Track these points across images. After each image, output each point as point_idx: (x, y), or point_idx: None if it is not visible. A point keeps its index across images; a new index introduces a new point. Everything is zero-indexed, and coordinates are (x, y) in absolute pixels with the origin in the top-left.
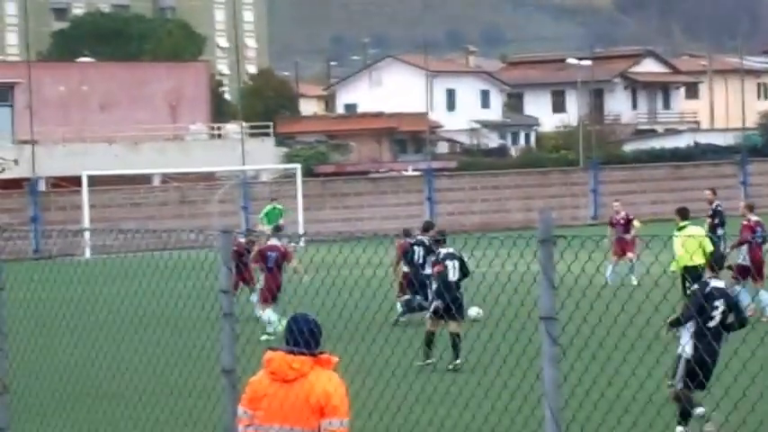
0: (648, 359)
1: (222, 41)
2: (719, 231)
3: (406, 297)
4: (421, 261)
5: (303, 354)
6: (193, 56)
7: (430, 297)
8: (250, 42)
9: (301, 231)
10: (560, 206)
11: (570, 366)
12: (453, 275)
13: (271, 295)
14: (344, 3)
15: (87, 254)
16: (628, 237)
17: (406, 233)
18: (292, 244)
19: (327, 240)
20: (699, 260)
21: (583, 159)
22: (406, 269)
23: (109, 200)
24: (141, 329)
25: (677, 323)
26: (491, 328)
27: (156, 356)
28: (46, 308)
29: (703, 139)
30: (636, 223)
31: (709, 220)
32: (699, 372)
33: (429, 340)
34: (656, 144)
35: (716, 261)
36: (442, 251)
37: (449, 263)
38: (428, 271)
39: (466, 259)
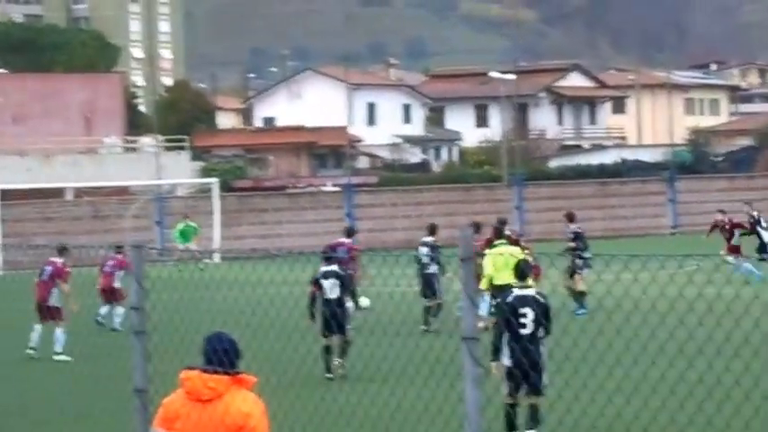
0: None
1: (137, 52)
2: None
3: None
4: (426, 261)
5: (220, 373)
6: (108, 67)
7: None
8: (166, 53)
9: (217, 248)
10: (485, 223)
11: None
12: (332, 293)
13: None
14: (264, 14)
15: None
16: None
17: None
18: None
19: (243, 258)
20: (507, 279)
21: (507, 175)
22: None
23: (21, 214)
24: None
25: (496, 350)
26: (410, 348)
27: (68, 376)
28: None
29: (630, 155)
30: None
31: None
32: (519, 376)
33: (326, 352)
34: (582, 160)
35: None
36: (323, 269)
37: (325, 282)
38: (432, 270)
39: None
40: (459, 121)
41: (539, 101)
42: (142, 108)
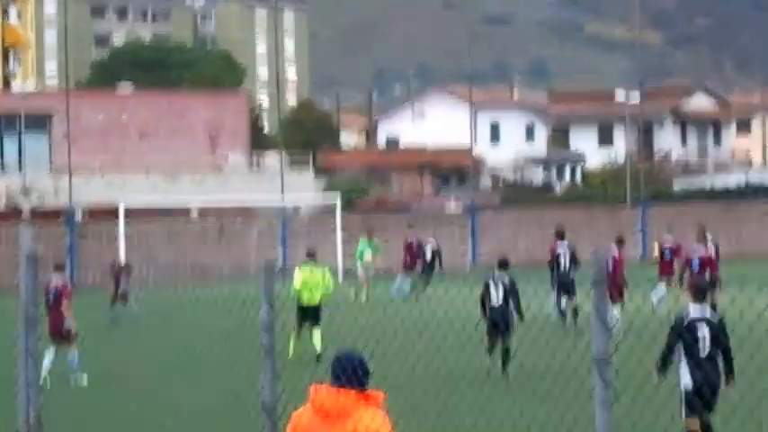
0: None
1: (263, 72)
2: None
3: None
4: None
5: (348, 389)
6: (233, 86)
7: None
8: (291, 73)
9: (340, 266)
10: (608, 244)
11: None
12: (498, 300)
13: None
14: (388, 34)
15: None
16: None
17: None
18: None
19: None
20: None
21: (630, 196)
22: None
23: (146, 231)
24: (180, 365)
25: (664, 363)
26: (541, 368)
27: (196, 394)
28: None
29: (755, 177)
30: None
31: None
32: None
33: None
34: (706, 182)
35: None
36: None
37: (492, 288)
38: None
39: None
40: (583, 142)
41: (663, 122)
42: (267, 127)
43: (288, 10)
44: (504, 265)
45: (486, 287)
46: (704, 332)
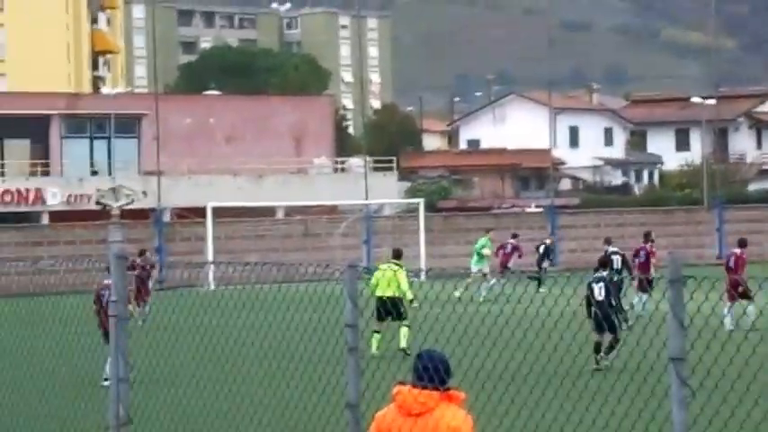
0: None
1: (347, 76)
2: None
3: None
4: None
5: (430, 388)
6: (318, 90)
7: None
8: (374, 77)
9: (423, 267)
10: (685, 245)
11: (700, 409)
12: (600, 296)
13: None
14: (469, 39)
15: (212, 285)
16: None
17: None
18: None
19: (450, 276)
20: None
21: (707, 198)
22: None
23: (232, 231)
24: (266, 361)
25: None
26: (619, 368)
27: (281, 390)
28: (171, 337)
29: None
30: None
31: None
32: None
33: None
34: None
35: None
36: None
37: (595, 286)
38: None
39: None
40: (660, 145)
41: (738, 126)
42: (351, 130)
43: (371, 16)
44: (604, 264)
45: (590, 287)
46: None
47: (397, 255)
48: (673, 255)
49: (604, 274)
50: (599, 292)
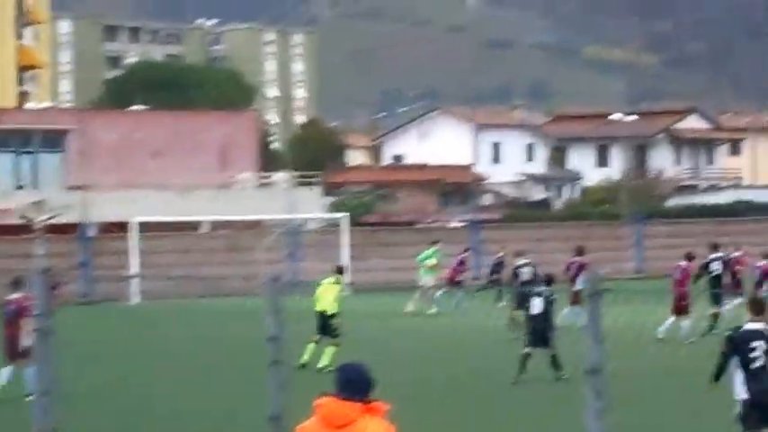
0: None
1: (273, 91)
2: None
3: None
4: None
5: (353, 400)
6: (244, 105)
7: None
8: (300, 92)
9: (348, 280)
10: (604, 259)
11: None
12: (537, 309)
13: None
14: (395, 56)
15: (137, 299)
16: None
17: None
18: None
19: (375, 289)
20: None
21: (626, 213)
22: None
23: (158, 246)
24: (191, 374)
25: (719, 372)
26: (530, 380)
27: (206, 403)
28: (95, 351)
29: (745, 195)
30: None
31: None
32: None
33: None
34: (699, 200)
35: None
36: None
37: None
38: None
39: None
40: (581, 161)
41: (658, 142)
42: (277, 145)
43: (297, 32)
44: (548, 281)
45: (527, 299)
46: (759, 344)
47: (339, 270)
48: (590, 270)
49: (544, 288)
50: (537, 306)
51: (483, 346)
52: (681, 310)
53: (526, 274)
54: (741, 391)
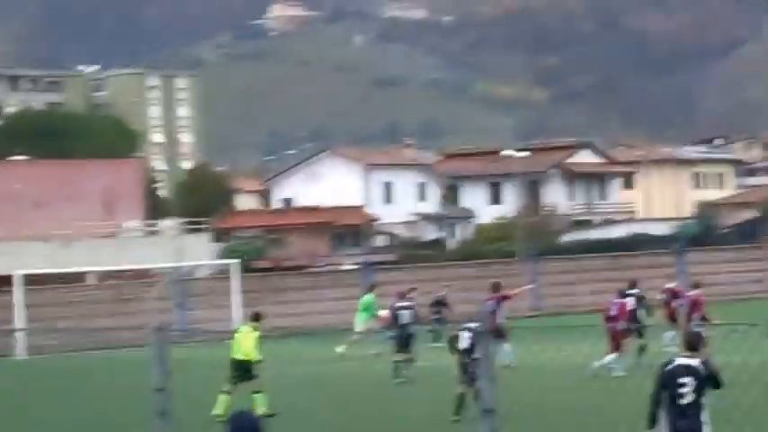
0: None
1: (158, 137)
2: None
3: None
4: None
5: None
6: (128, 152)
7: None
8: (186, 137)
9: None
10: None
11: None
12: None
13: None
14: (282, 97)
15: (24, 354)
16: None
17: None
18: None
19: (267, 336)
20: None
21: (521, 251)
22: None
23: (43, 299)
24: (80, 428)
25: (652, 419)
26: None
27: None
28: None
29: (640, 229)
30: None
31: None
32: None
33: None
34: (593, 235)
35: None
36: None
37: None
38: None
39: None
40: (474, 199)
41: (550, 177)
42: (163, 191)
43: (180, 76)
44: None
45: (456, 337)
46: (689, 380)
47: (255, 317)
48: (481, 309)
49: (472, 325)
50: (465, 341)
51: (375, 391)
52: (620, 346)
53: (406, 316)
54: (667, 429)
